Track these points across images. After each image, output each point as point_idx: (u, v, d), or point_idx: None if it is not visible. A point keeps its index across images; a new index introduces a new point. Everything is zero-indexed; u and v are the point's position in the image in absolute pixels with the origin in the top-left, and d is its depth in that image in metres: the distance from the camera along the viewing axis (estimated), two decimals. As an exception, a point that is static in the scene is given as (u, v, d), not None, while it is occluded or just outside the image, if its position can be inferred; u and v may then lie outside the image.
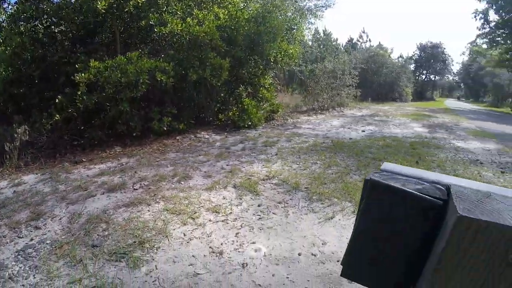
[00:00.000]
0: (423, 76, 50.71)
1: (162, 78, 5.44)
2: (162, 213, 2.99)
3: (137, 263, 2.21)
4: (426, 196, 0.55)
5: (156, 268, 2.17)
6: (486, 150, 6.45)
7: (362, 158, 5.04)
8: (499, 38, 25.99)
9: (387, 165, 0.68)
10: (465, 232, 0.42)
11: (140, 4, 5.56)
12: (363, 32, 46.21)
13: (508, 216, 0.43)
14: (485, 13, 26.18)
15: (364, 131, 8.32)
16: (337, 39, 29.82)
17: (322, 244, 2.56)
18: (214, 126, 7.77)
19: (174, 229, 2.71)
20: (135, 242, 2.48)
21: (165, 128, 5.91)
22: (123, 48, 6.03)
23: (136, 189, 3.60)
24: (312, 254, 2.42)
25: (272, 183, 3.92)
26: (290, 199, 3.46)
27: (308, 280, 2.11)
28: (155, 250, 2.39)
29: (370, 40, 40.34)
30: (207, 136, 6.67)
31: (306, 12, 16.86)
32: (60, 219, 2.89)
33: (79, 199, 3.27)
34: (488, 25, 26.44)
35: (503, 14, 24.77)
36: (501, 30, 25.41)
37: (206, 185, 3.76)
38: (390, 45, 47.81)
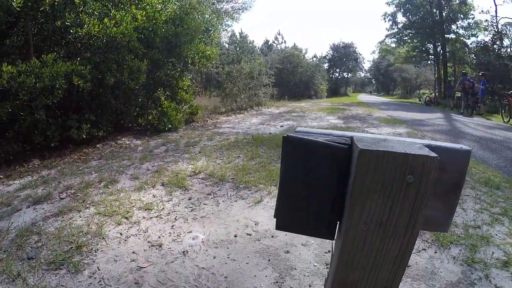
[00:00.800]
0: (337, 74, 54.48)
1: (80, 82, 5.20)
2: (95, 217, 2.98)
3: (78, 267, 2.21)
4: (333, 143, 0.63)
5: (99, 269, 2.20)
6: (397, 134, 7.27)
7: (283, 149, 5.43)
8: (406, 38, 29.77)
9: (300, 129, 0.75)
10: (368, 163, 0.49)
11: (56, 3, 5.24)
12: (279, 34, 48.11)
13: (400, 148, 0.50)
14: (393, 15, 29.70)
15: (282, 126, 8.82)
16: (253, 41, 30.84)
17: (255, 224, 2.82)
18: (134, 131, 7.59)
19: (109, 230, 2.74)
20: (72, 248, 2.46)
21: (85, 136, 5.64)
22: (37, 51, 5.61)
23: (63, 198, 3.50)
24: (248, 234, 2.65)
25: (199, 178, 4.09)
26: (219, 190, 3.67)
27: (248, 256, 2.33)
28: (94, 253, 2.40)
29: (285, 42, 42.16)
30: (128, 142, 6.54)
31: (223, 15, 17.14)
32: (-13, 238, 2.74)
33: (4, 216, 3.08)
34: (396, 26, 30.00)
35: (410, 16, 28.39)
36: (408, 31, 29.14)
37: (134, 186, 3.79)
38: (305, 46, 50.47)
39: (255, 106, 15.30)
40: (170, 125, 7.69)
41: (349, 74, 57.51)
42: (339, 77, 55.06)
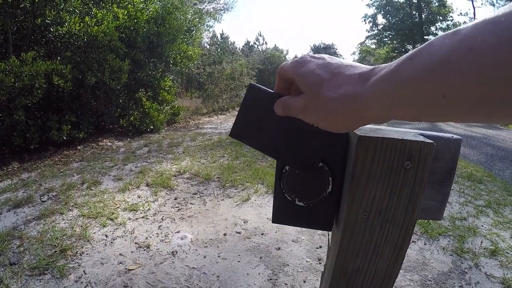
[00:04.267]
0: (318, 75, 55.02)
1: (60, 82, 5.05)
2: (78, 219, 2.91)
3: (63, 272, 2.14)
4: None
5: (85, 273, 2.14)
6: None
7: (267, 148, 5.47)
8: (386, 39, 30.43)
9: None
10: (367, 150, 0.49)
11: (37, 0, 5.05)
12: (260, 35, 48.15)
13: (397, 135, 0.51)
14: (374, 17, 30.31)
15: (265, 125, 8.86)
16: (234, 42, 30.75)
17: (244, 222, 2.80)
18: (116, 132, 7.45)
19: (94, 233, 2.67)
20: (55, 252, 2.38)
21: (65, 138, 5.48)
22: (16, 50, 5.40)
23: (45, 201, 3.39)
24: (237, 232, 2.64)
25: (184, 178, 4.06)
26: (205, 189, 3.65)
27: (239, 255, 2.32)
28: (79, 256, 2.34)
29: (266, 43, 42.17)
30: (109, 143, 6.42)
31: (205, 15, 17.06)
32: (-34, 244, 2.63)
33: (-18, 220, 2.98)
34: (376, 28, 30.62)
35: (390, 18, 29.03)
36: (388, 32, 29.80)
37: (118, 187, 3.73)
38: (286, 47, 50.92)
39: (237, 106, 15.23)
40: (152, 126, 7.57)
41: (329, 74, 58.23)
42: (319, 77, 55.57)
